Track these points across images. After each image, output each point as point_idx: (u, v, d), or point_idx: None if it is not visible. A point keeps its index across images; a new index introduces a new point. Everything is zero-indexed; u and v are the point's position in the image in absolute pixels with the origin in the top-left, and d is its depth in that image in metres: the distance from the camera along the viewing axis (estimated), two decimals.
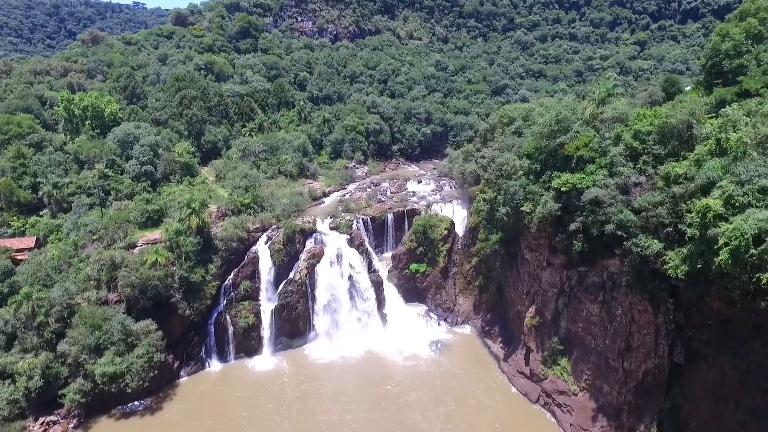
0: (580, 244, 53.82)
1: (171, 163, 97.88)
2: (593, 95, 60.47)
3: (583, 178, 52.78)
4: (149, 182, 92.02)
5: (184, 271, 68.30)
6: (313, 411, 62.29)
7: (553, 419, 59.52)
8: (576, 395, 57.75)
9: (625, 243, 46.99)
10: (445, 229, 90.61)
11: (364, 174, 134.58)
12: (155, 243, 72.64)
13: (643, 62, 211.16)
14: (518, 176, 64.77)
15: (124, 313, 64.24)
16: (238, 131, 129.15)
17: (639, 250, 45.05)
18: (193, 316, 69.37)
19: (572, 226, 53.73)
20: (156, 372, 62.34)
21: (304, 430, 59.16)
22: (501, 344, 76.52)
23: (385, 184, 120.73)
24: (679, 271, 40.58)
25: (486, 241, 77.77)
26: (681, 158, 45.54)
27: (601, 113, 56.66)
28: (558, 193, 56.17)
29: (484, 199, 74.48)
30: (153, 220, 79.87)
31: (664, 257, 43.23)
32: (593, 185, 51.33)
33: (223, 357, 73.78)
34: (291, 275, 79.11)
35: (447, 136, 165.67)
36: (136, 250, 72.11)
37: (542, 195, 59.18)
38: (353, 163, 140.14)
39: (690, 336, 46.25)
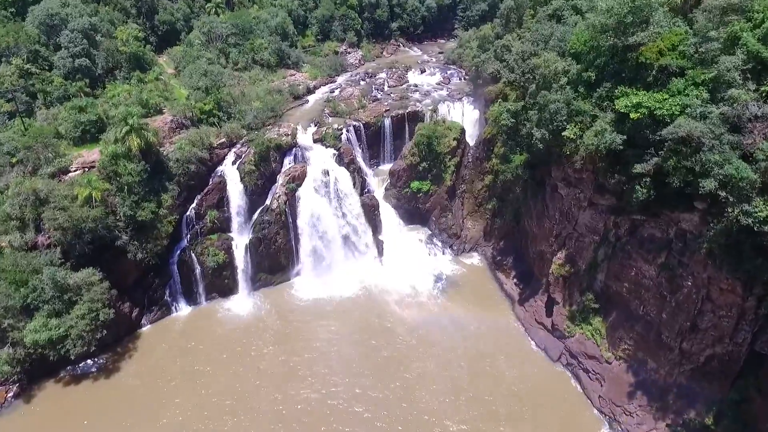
0: (645, 190, 39.40)
1: (114, 54, 78.24)
2: None
3: (666, 100, 36.50)
4: (87, 81, 73.45)
5: (127, 207, 54.44)
6: (295, 370, 53.11)
7: (578, 386, 50.57)
8: (609, 363, 48.02)
9: (729, 209, 32.49)
10: (454, 139, 74.83)
11: (357, 61, 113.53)
12: (93, 167, 57.91)
13: None
14: (560, 84, 47.69)
15: (60, 260, 51.97)
16: (201, 7, 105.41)
17: (750, 221, 30.94)
18: (149, 259, 57.21)
19: (639, 168, 38.82)
20: (104, 332, 51.84)
21: (284, 401, 50.14)
22: (515, 280, 65.87)
23: (382, 75, 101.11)
24: None
25: (505, 161, 62.85)
26: None
27: None
28: (621, 118, 40.19)
29: (508, 110, 57.81)
30: (91, 134, 63.66)
31: None
32: (682, 113, 35.32)
33: (192, 299, 63.29)
34: (267, 202, 65.55)
35: (455, 11, 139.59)
36: (69, 176, 57.53)
37: (596, 117, 43.11)
38: (344, 47, 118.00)
39: None
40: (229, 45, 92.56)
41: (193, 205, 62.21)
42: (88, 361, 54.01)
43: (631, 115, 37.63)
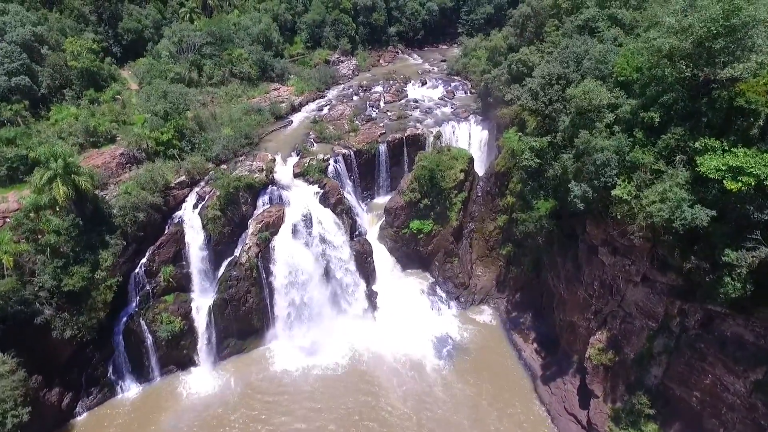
0: (738, 285, 27.93)
1: (62, 70, 66.75)
2: None
3: None
4: (26, 103, 61.94)
5: (49, 275, 42.88)
6: None
7: None
8: None
9: None
10: (461, 171, 63.34)
11: (350, 71, 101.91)
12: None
13: None
14: (606, 123, 36.16)
15: None
16: (175, 12, 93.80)
17: None
18: (82, 335, 45.70)
19: (734, 258, 27.33)
20: None
21: None
22: (536, 346, 54.61)
23: (378, 89, 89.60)
24: None
25: (525, 204, 51.38)
26: None
27: None
28: (701, 179, 28.72)
29: (531, 148, 46.21)
30: (22, 172, 52.02)
31: None
32: None
33: (143, 375, 51.82)
34: (236, 253, 54.11)
35: (458, 14, 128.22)
36: None
37: (660, 173, 31.63)
38: (337, 55, 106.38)
39: None
40: (203, 56, 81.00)
41: (144, 260, 50.73)
42: None
43: (728, 185, 26.18)
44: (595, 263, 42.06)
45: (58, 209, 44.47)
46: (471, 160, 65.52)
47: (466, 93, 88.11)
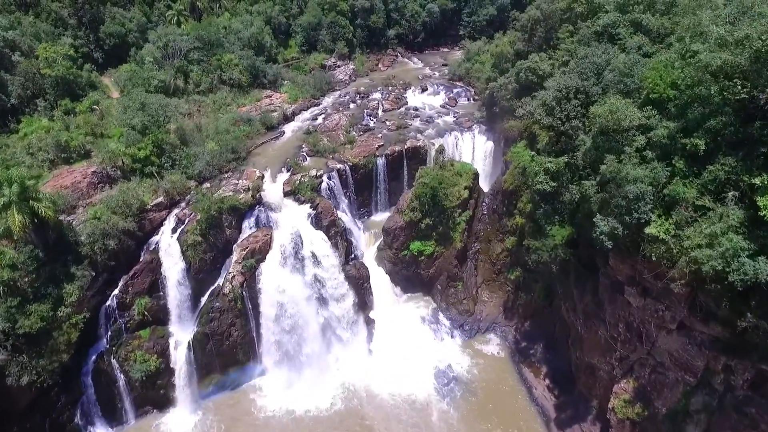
0: None
1: (35, 78, 61.90)
2: None
3: None
4: None
5: (1, 316, 37.93)
6: None
7: None
8: None
9: None
10: (465, 188, 58.48)
11: (347, 76, 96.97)
12: None
13: None
14: (636, 147, 31.24)
15: None
16: (161, 15, 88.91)
17: None
18: (43, 380, 40.74)
19: None
20: None
21: None
22: (548, 382, 49.75)
23: (376, 96, 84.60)
24: None
25: (537, 231, 46.34)
26: None
27: None
28: (759, 221, 23.87)
29: (546, 170, 41.22)
30: None
31: None
32: None
33: (115, 419, 46.85)
34: (219, 283, 49.21)
35: (460, 16, 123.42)
36: None
37: (705, 209, 26.74)
38: (333, 59, 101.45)
39: None
40: (190, 62, 76.17)
41: (116, 291, 45.80)
42: None
43: None
44: (619, 302, 37.15)
45: (15, 239, 39.56)
46: (476, 176, 60.70)
47: (469, 100, 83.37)
